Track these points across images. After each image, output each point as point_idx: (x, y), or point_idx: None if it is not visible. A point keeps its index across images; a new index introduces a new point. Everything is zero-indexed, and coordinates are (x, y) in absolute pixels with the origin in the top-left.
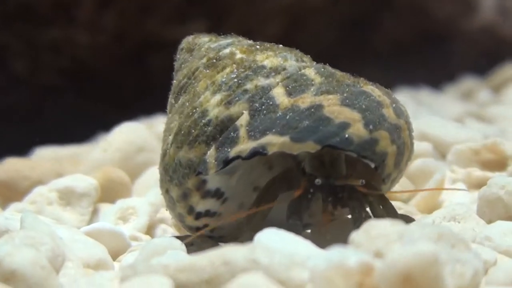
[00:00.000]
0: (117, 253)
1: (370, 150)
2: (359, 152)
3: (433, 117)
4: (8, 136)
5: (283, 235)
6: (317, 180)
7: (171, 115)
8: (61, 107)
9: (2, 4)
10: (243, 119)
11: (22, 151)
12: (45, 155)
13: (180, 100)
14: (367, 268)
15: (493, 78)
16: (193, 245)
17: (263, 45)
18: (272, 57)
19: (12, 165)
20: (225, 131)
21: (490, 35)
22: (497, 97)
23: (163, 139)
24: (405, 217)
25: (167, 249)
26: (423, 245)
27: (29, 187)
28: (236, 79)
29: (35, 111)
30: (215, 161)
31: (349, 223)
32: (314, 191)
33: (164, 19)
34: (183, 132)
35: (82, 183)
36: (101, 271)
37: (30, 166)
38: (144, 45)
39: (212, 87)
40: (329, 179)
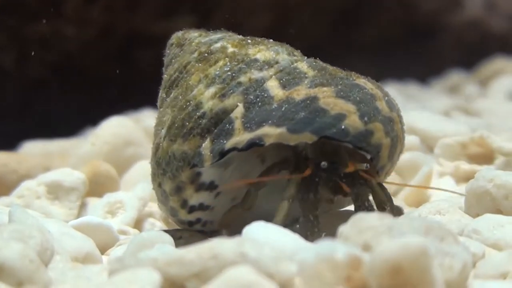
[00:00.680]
0: (105, 246)
1: (365, 141)
2: (355, 143)
3: (420, 110)
4: None
5: (271, 229)
6: (323, 163)
7: (162, 109)
8: (49, 101)
9: None
10: (238, 112)
11: (10, 145)
12: (33, 149)
13: (172, 94)
14: (356, 261)
15: (479, 72)
16: (182, 239)
17: (254, 39)
18: (264, 51)
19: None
20: (220, 123)
21: (476, 30)
22: (483, 91)
23: (155, 133)
24: (399, 209)
25: (155, 243)
26: (411, 238)
27: (17, 181)
28: (229, 72)
29: (22, 105)
30: (210, 153)
31: (340, 217)
32: (320, 174)
33: (151, 13)
34: (177, 125)
35: (70, 177)
36: (90, 265)
37: (18, 160)
38: (131, 39)
39: (205, 80)
40: (334, 163)
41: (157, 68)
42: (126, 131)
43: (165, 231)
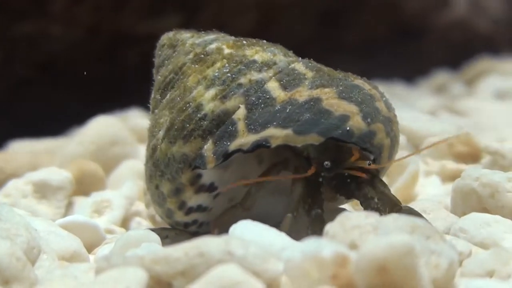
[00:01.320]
0: (92, 245)
1: (369, 142)
2: (359, 144)
3: (407, 110)
4: None
5: (258, 227)
6: (326, 162)
7: (158, 111)
8: (35, 101)
9: None
10: (240, 113)
11: None
12: (20, 149)
13: (167, 95)
14: (342, 259)
15: (465, 72)
16: (168, 238)
17: (248, 40)
18: (261, 52)
19: None
20: (222, 125)
21: (462, 30)
22: (470, 91)
23: (150, 135)
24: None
25: (142, 241)
26: (397, 236)
27: (3, 180)
28: (229, 74)
29: (9, 104)
30: (213, 155)
31: (332, 213)
32: (324, 174)
33: (137, 13)
34: (177, 127)
35: (57, 176)
36: (76, 263)
37: (4, 159)
38: (117, 39)
39: (204, 81)
40: (337, 162)
41: (143, 67)
42: (112, 131)
43: (152, 229)
